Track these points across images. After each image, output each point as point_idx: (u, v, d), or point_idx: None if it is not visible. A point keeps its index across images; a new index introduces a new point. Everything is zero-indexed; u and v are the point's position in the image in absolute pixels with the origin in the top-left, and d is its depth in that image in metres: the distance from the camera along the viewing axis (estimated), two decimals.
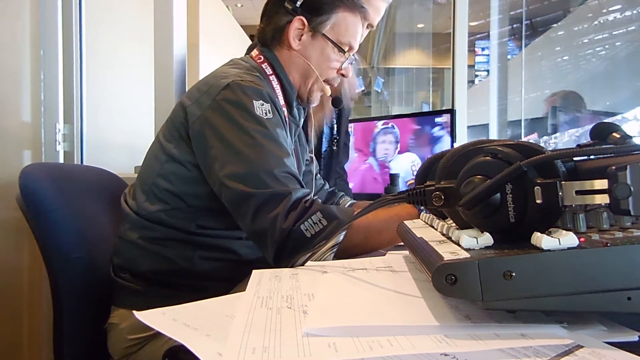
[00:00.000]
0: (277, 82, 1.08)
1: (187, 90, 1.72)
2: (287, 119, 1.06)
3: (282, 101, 1.07)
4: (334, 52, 1.09)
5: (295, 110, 1.13)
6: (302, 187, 0.89)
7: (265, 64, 1.08)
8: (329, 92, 1.14)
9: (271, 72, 1.08)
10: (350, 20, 1.09)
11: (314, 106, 1.21)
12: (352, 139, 1.91)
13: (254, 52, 1.12)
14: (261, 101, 0.93)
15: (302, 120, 1.19)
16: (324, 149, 1.66)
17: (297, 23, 1.07)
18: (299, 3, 1.06)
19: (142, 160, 1.07)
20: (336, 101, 1.31)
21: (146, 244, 0.98)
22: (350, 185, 1.85)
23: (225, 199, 0.89)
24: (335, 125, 1.68)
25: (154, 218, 0.98)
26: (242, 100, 0.92)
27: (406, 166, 1.81)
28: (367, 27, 1.20)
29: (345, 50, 1.10)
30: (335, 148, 1.67)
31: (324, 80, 1.11)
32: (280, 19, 1.08)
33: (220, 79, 0.96)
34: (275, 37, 1.09)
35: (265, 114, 0.92)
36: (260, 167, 0.86)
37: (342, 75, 1.14)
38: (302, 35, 1.08)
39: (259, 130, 0.90)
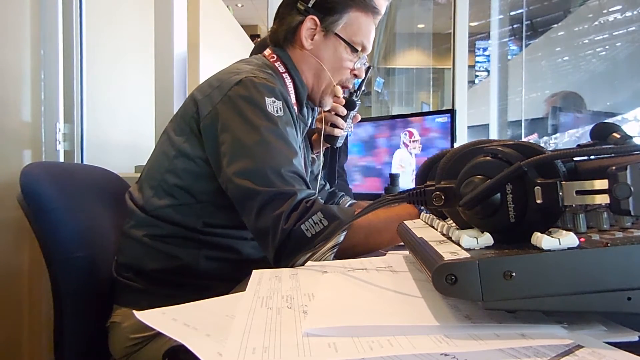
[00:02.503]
0: (289, 80, 1.08)
1: (187, 90, 1.73)
2: (297, 117, 1.06)
3: (293, 99, 1.07)
4: (347, 52, 1.09)
5: (305, 109, 1.13)
6: (308, 187, 0.89)
7: (278, 62, 1.09)
8: (340, 93, 1.14)
9: (284, 70, 1.08)
10: (362, 20, 1.09)
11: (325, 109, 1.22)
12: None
13: (267, 51, 1.12)
14: (273, 98, 0.93)
15: (311, 120, 1.19)
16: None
17: (310, 23, 1.07)
18: (311, 3, 1.07)
19: (148, 157, 1.07)
20: (329, 139, 1.29)
21: (151, 242, 0.98)
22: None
23: (232, 195, 0.90)
24: None
25: (160, 214, 0.98)
26: (253, 97, 0.92)
27: None
28: None
29: (358, 50, 1.10)
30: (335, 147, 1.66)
31: (337, 83, 1.11)
32: (293, 19, 1.08)
33: (233, 75, 0.96)
34: (288, 38, 1.10)
35: (277, 111, 0.93)
36: (267, 165, 0.86)
37: (355, 75, 1.14)
38: (314, 35, 1.08)
39: (269, 127, 0.90)
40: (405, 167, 1.81)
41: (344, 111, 1.27)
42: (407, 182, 1.77)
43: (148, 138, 1.77)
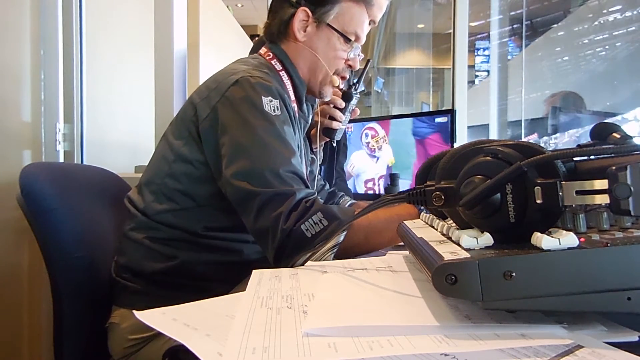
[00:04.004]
0: (287, 78, 1.09)
1: (187, 90, 1.73)
2: (296, 114, 1.06)
3: (292, 96, 1.07)
4: (340, 42, 1.09)
5: (304, 105, 1.13)
6: (307, 187, 0.89)
7: (275, 60, 1.09)
8: (337, 82, 1.14)
9: (281, 68, 1.09)
10: (354, 10, 1.09)
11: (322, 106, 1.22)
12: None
13: (263, 50, 1.13)
14: (270, 97, 0.93)
15: (311, 116, 1.19)
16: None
17: (302, 14, 1.07)
18: None
19: (148, 161, 1.07)
20: (328, 132, 1.29)
21: (152, 244, 0.98)
22: None
23: (231, 197, 0.89)
24: None
25: (160, 218, 0.98)
26: (250, 96, 0.92)
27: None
28: (370, 24, 1.20)
29: (352, 40, 1.10)
30: (334, 146, 1.67)
31: (333, 73, 1.12)
32: (285, 12, 1.09)
33: (229, 76, 0.96)
34: (281, 31, 1.10)
35: (274, 110, 0.93)
36: (266, 166, 0.86)
37: (350, 66, 1.14)
38: (307, 26, 1.08)
39: (266, 127, 0.90)
40: (359, 175, 1.65)
41: (342, 104, 1.27)
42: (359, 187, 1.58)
43: (148, 138, 1.77)
